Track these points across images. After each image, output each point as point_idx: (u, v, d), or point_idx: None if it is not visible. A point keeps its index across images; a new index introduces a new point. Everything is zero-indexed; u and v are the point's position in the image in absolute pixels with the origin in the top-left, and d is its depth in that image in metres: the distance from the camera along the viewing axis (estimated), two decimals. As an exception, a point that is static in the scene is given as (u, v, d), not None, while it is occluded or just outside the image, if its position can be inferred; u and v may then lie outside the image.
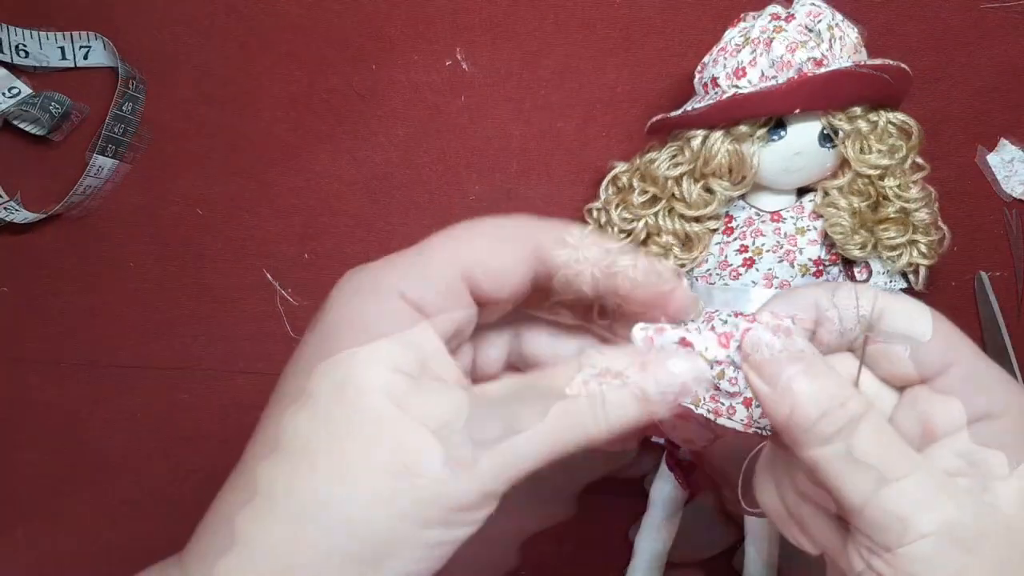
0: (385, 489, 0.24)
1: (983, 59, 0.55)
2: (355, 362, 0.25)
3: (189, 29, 0.58)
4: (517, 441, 0.25)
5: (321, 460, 0.24)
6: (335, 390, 0.25)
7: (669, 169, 0.47)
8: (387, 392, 0.24)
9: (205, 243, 0.58)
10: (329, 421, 0.24)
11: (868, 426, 0.27)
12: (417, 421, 0.24)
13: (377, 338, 0.25)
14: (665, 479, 0.52)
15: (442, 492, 0.24)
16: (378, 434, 0.24)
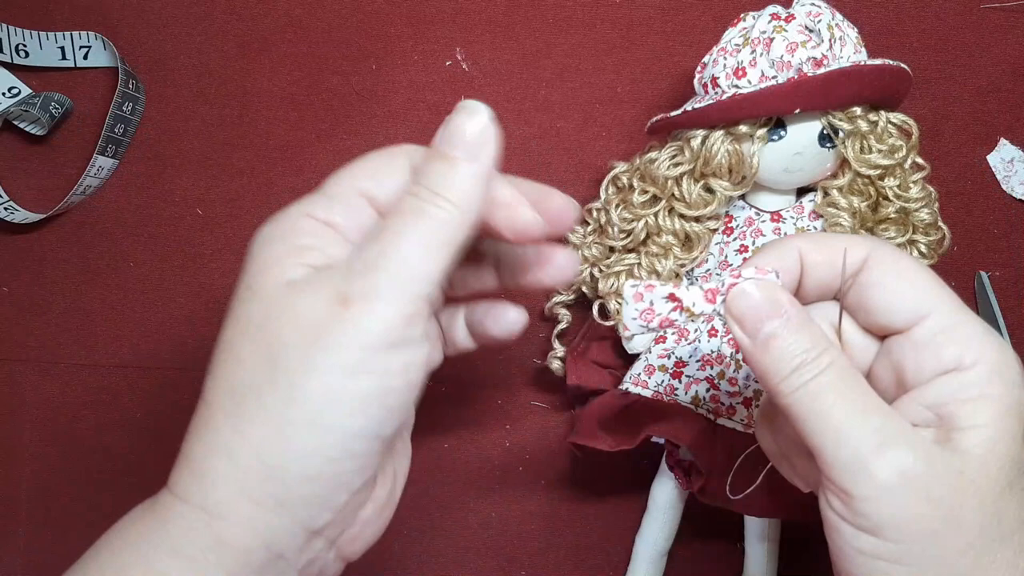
0: (302, 353, 0.26)
1: (983, 59, 0.55)
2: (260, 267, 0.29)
3: (189, 29, 0.58)
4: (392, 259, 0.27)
5: (245, 351, 0.28)
6: (247, 293, 0.29)
7: (669, 169, 0.47)
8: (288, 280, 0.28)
9: (205, 243, 0.58)
10: (243, 318, 0.29)
11: (834, 373, 0.28)
12: (306, 288, 0.27)
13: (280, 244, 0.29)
14: (665, 479, 0.52)
15: (349, 334, 0.26)
16: (278, 312, 0.27)
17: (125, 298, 0.58)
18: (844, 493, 0.27)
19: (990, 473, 0.27)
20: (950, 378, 0.28)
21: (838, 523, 0.28)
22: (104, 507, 0.59)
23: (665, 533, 0.53)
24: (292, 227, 0.29)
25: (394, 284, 0.27)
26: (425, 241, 0.27)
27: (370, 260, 0.27)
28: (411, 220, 0.28)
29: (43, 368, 0.59)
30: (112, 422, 0.58)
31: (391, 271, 0.27)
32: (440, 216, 0.28)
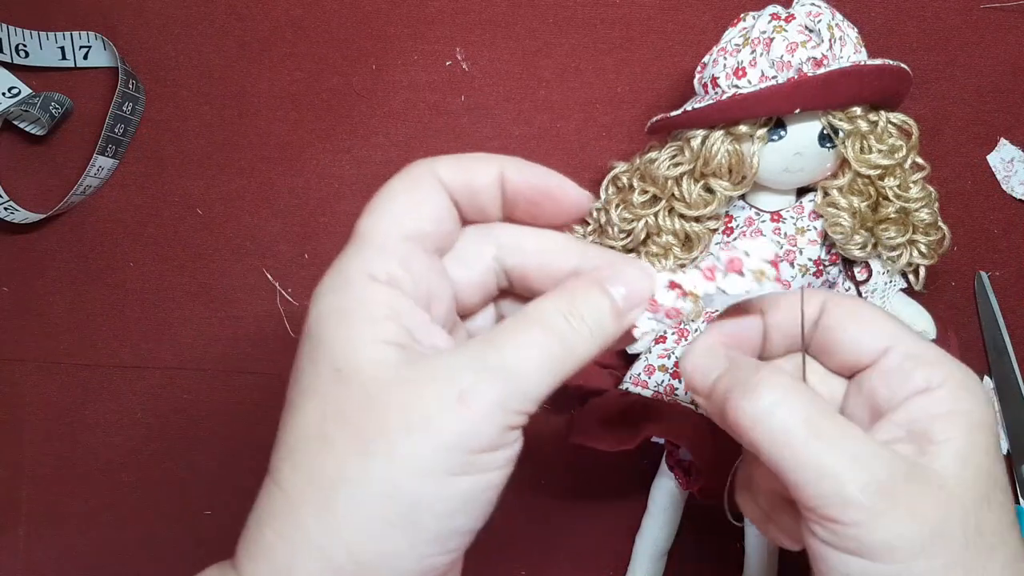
0: (402, 449, 0.24)
1: (983, 59, 0.55)
2: (345, 347, 0.26)
3: (189, 29, 0.58)
4: (508, 362, 0.26)
5: (336, 441, 0.25)
6: (334, 375, 0.26)
7: (669, 169, 0.47)
8: (383, 364, 0.25)
9: (205, 243, 0.58)
10: (334, 404, 0.25)
11: (794, 398, 0.28)
12: (417, 378, 0.25)
13: (357, 319, 0.26)
14: (665, 479, 0.52)
15: (460, 434, 0.25)
16: (384, 401, 0.25)
17: (125, 298, 0.58)
18: (830, 521, 0.27)
19: (968, 485, 0.27)
20: (921, 398, 0.29)
21: (825, 551, 0.28)
22: (104, 507, 0.59)
23: (665, 533, 0.53)
24: (362, 296, 0.27)
25: (516, 394, 0.26)
26: (558, 366, 0.27)
27: (496, 364, 0.26)
28: (549, 339, 0.27)
29: (43, 368, 0.59)
30: (112, 422, 0.58)
31: (517, 383, 0.26)
32: (579, 350, 0.27)
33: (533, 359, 0.26)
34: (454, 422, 0.25)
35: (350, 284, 0.27)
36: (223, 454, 0.58)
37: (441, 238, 0.29)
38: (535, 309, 0.27)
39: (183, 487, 0.58)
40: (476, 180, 0.29)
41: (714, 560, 0.55)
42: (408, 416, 0.25)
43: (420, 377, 0.25)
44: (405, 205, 0.29)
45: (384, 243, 0.28)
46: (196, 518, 0.58)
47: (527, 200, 0.30)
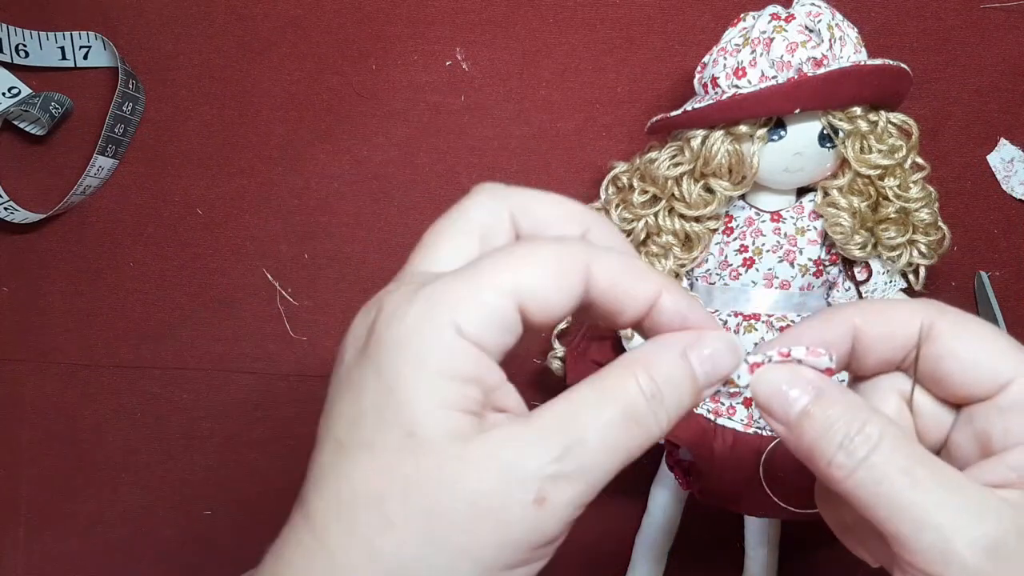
0: (467, 540, 0.23)
1: (983, 59, 0.55)
2: (421, 409, 0.23)
3: (189, 29, 0.58)
4: (588, 462, 0.24)
5: (398, 516, 0.23)
6: (404, 440, 0.23)
7: (669, 169, 0.47)
8: (458, 437, 0.23)
9: (205, 243, 0.58)
10: (401, 473, 0.23)
11: (889, 446, 0.25)
12: (491, 464, 0.23)
13: (439, 378, 0.23)
14: (665, 479, 0.52)
15: (529, 532, 0.23)
16: (456, 483, 0.23)
17: (125, 298, 0.58)
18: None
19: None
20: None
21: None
22: (104, 507, 0.59)
23: (665, 533, 0.53)
24: (449, 352, 0.23)
25: (591, 492, 0.24)
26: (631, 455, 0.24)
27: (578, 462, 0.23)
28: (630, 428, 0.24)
29: (43, 368, 0.59)
30: (112, 422, 0.58)
31: (595, 481, 0.24)
32: (652, 435, 0.25)
33: (615, 454, 0.24)
34: (527, 521, 0.23)
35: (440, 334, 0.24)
36: (223, 454, 0.58)
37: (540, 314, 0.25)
38: (618, 386, 0.25)
39: (183, 487, 0.58)
40: (627, 297, 0.26)
41: (714, 560, 0.55)
42: (479, 506, 0.23)
43: (495, 460, 0.23)
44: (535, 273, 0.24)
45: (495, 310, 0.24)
46: (196, 518, 0.58)
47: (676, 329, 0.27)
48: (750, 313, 0.47)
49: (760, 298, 0.47)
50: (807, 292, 0.48)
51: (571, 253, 0.25)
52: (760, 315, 0.47)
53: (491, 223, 0.26)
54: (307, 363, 0.57)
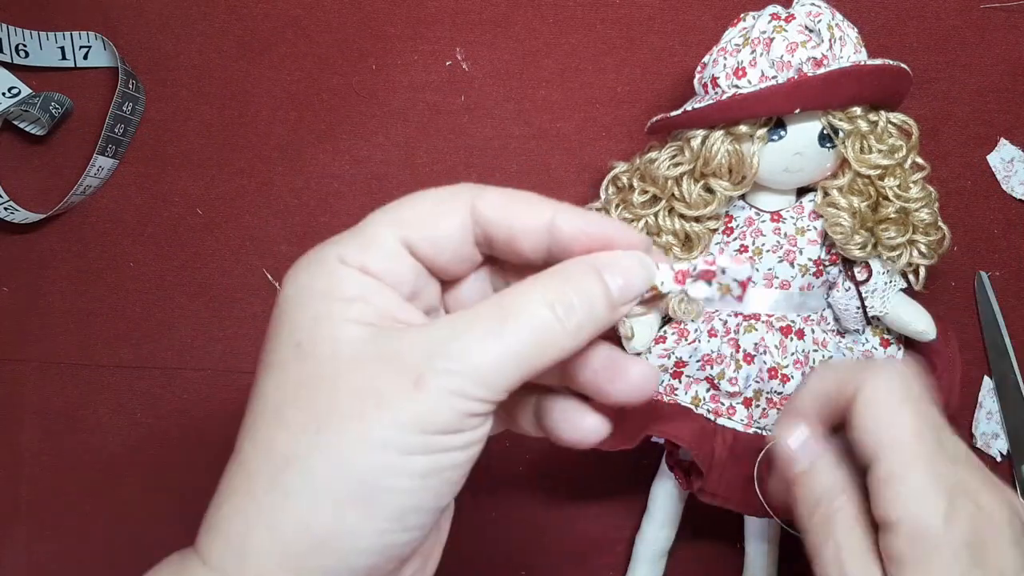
0: (353, 426, 0.24)
1: (983, 59, 0.55)
2: (308, 324, 0.26)
3: (189, 29, 0.58)
4: (475, 360, 0.25)
5: (290, 417, 0.25)
6: (294, 352, 0.26)
7: (669, 169, 0.47)
8: (347, 342, 0.25)
9: (205, 243, 0.58)
10: (291, 379, 0.26)
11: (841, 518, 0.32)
12: (377, 357, 0.25)
13: (323, 297, 0.26)
14: (665, 479, 0.52)
15: (414, 413, 0.24)
16: (340, 378, 0.25)
17: (125, 298, 0.58)
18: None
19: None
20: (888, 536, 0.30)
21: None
22: (104, 507, 0.59)
23: (665, 533, 0.53)
24: (331, 275, 0.26)
25: (476, 385, 0.25)
26: (530, 360, 0.25)
27: (457, 353, 0.25)
28: (523, 333, 0.25)
29: (43, 368, 0.59)
30: (112, 422, 0.58)
31: (478, 374, 0.25)
32: (562, 342, 0.26)
33: (499, 352, 0.25)
34: (408, 403, 0.24)
35: (322, 263, 0.27)
36: (223, 454, 0.58)
37: (440, 266, 0.28)
38: (518, 296, 0.26)
39: (183, 487, 0.58)
40: (518, 223, 0.27)
41: (714, 560, 0.55)
42: (361, 395, 0.25)
43: (380, 356, 0.25)
44: (415, 214, 0.27)
45: (372, 238, 0.27)
46: (196, 518, 0.58)
47: (585, 249, 0.27)
48: (750, 313, 0.47)
49: (760, 298, 0.47)
50: (807, 292, 0.48)
51: (452, 190, 0.28)
52: (760, 315, 0.47)
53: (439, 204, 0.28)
54: (307, 363, 0.57)
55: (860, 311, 0.48)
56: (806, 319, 0.48)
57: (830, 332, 0.49)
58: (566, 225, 0.27)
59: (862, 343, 0.50)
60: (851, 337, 0.50)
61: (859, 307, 0.48)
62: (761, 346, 0.47)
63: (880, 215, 0.46)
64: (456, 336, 0.25)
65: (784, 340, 0.47)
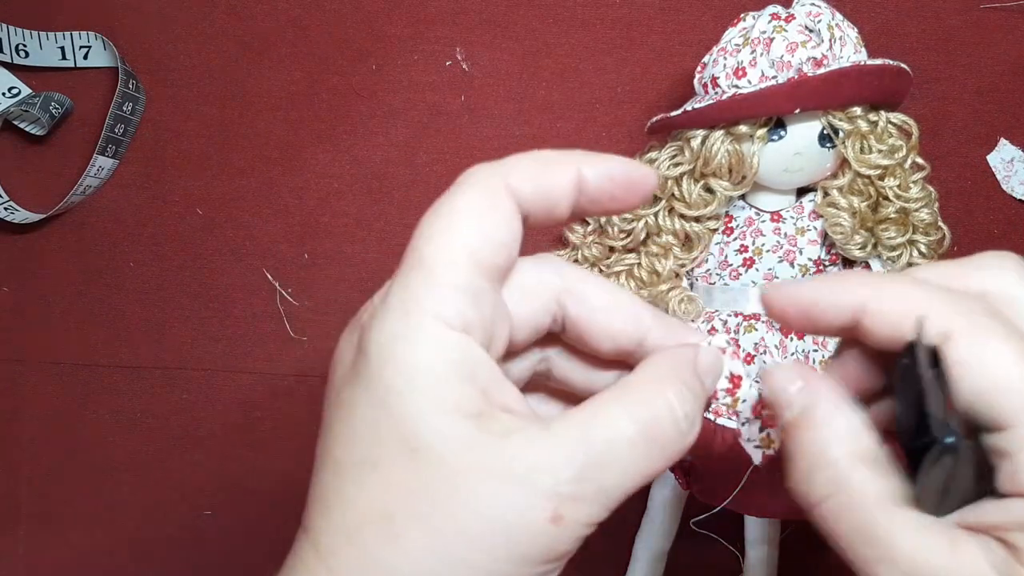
0: (479, 556, 0.22)
1: (983, 59, 0.55)
2: (418, 421, 0.22)
3: (189, 29, 0.58)
4: (608, 482, 0.23)
5: (408, 532, 0.22)
6: (407, 455, 0.22)
7: (669, 169, 0.47)
8: (464, 445, 0.22)
9: (205, 243, 0.58)
10: (407, 489, 0.22)
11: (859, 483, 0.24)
12: (505, 477, 0.22)
13: (430, 379, 0.22)
14: (665, 479, 0.52)
15: (542, 548, 0.22)
16: (467, 496, 0.22)
17: (125, 298, 0.58)
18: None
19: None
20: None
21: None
22: (104, 507, 0.59)
23: (665, 533, 0.53)
24: (435, 350, 0.23)
25: (607, 508, 0.23)
26: (649, 477, 0.24)
27: (596, 482, 0.23)
28: (651, 451, 0.23)
29: (43, 368, 0.59)
30: (112, 422, 0.58)
31: (611, 501, 0.23)
32: (671, 456, 0.24)
33: (636, 476, 0.23)
34: (541, 538, 0.22)
35: (421, 332, 0.23)
36: (223, 454, 0.58)
37: (509, 268, 0.25)
38: (646, 406, 0.24)
39: (183, 487, 0.58)
40: (554, 188, 0.25)
41: (714, 560, 0.55)
42: (492, 520, 0.22)
43: (509, 472, 0.22)
44: (474, 227, 0.24)
45: (455, 276, 0.23)
46: (196, 518, 0.58)
47: (609, 197, 0.26)
48: (750, 313, 0.47)
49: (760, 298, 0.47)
50: (807, 292, 0.48)
51: (488, 183, 0.25)
52: (760, 315, 0.47)
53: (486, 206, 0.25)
54: (307, 363, 0.57)
55: (860, 311, 0.48)
56: (806, 319, 0.48)
57: (830, 332, 0.49)
58: (593, 175, 0.25)
59: (862, 343, 0.50)
60: (851, 337, 0.50)
61: (859, 307, 0.48)
62: (761, 346, 0.47)
63: (880, 215, 0.46)
64: (596, 460, 0.23)
65: (784, 340, 0.47)
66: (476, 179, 0.25)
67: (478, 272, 0.24)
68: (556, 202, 0.25)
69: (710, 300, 0.48)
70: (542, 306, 0.26)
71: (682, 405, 0.24)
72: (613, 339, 0.26)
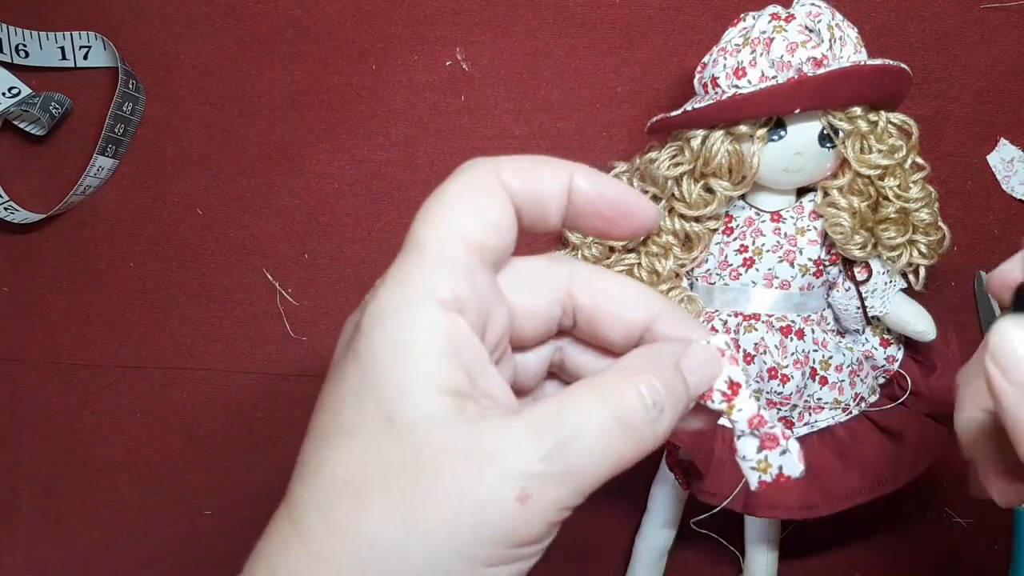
0: (447, 530, 0.22)
1: (983, 59, 0.55)
2: (400, 393, 0.23)
3: (189, 29, 0.58)
4: (576, 464, 0.23)
5: (376, 501, 0.22)
6: (383, 425, 0.23)
7: (669, 169, 0.47)
8: (439, 422, 0.23)
9: (205, 243, 0.58)
10: (380, 458, 0.23)
11: None
12: (476, 452, 0.23)
13: (417, 354, 0.23)
14: (665, 479, 0.52)
15: (509, 529, 0.23)
16: (437, 471, 0.22)
17: (125, 298, 0.58)
18: None
19: None
20: None
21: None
22: (104, 507, 0.59)
23: (665, 533, 0.53)
24: (424, 325, 0.23)
25: (577, 496, 0.24)
26: (623, 464, 0.24)
27: (566, 463, 0.23)
28: (625, 437, 0.24)
29: (43, 368, 0.59)
30: (112, 422, 0.58)
31: (582, 484, 0.23)
32: (647, 446, 0.24)
33: (606, 461, 0.23)
34: (508, 518, 0.23)
35: (412, 306, 0.23)
36: (223, 454, 0.58)
37: (502, 252, 0.26)
38: (617, 393, 0.24)
39: (183, 487, 0.58)
40: (544, 187, 0.26)
41: (714, 560, 0.55)
42: (461, 496, 0.22)
43: (479, 452, 0.23)
44: (467, 211, 0.25)
45: (447, 255, 0.24)
46: (196, 518, 0.58)
47: (597, 213, 0.26)
48: (750, 313, 0.47)
49: (760, 298, 0.47)
50: (807, 292, 0.48)
51: (481, 173, 0.25)
52: (760, 315, 0.47)
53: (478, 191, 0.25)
54: (307, 363, 0.57)
55: (860, 311, 0.48)
56: (806, 319, 0.48)
57: (830, 332, 0.49)
58: (585, 185, 0.26)
59: (862, 343, 0.50)
60: (851, 337, 0.50)
61: (859, 307, 0.48)
62: (761, 346, 0.47)
63: (880, 215, 0.46)
64: (567, 442, 0.23)
65: (784, 340, 0.47)
66: (470, 170, 0.26)
67: (469, 250, 0.24)
68: (545, 202, 0.26)
69: (710, 300, 0.48)
70: (553, 297, 0.27)
71: (651, 394, 0.24)
72: (623, 324, 0.27)
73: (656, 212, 0.27)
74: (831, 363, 0.48)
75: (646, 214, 0.26)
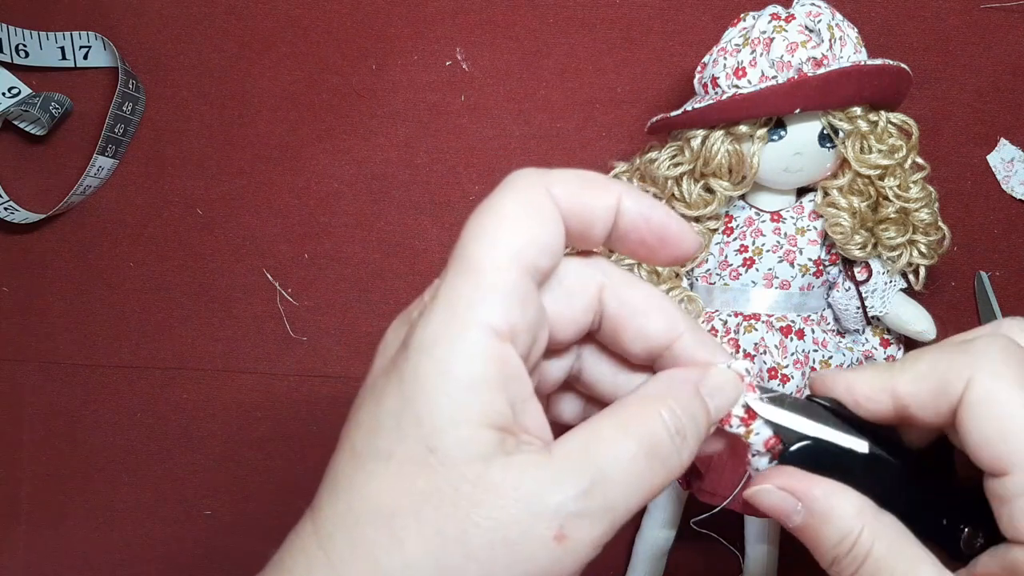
0: (479, 570, 0.22)
1: (983, 59, 0.55)
2: (444, 426, 0.22)
3: (189, 29, 0.58)
4: (612, 500, 0.23)
5: (410, 533, 0.22)
6: (423, 454, 0.22)
7: (669, 169, 0.47)
8: (480, 456, 0.22)
9: (205, 243, 0.58)
10: (416, 489, 0.22)
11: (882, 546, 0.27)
12: (512, 493, 0.22)
13: (464, 387, 0.22)
14: (665, 479, 0.52)
15: (542, 569, 0.22)
16: (474, 507, 0.22)
17: (125, 298, 0.58)
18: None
19: None
20: None
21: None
22: (104, 507, 0.59)
23: (665, 533, 0.53)
24: (475, 357, 0.23)
25: (613, 527, 0.24)
26: (656, 488, 0.24)
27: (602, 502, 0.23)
28: (655, 470, 0.24)
29: (43, 368, 0.59)
30: (112, 422, 0.58)
31: (616, 518, 0.23)
32: (673, 475, 0.24)
33: (638, 492, 0.24)
34: (545, 558, 0.22)
35: (465, 337, 0.23)
36: (223, 454, 0.58)
37: (551, 271, 0.25)
38: (642, 422, 0.24)
39: (183, 487, 0.58)
40: (593, 208, 0.25)
41: (714, 560, 0.55)
42: (495, 537, 0.22)
43: (517, 489, 0.22)
44: (521, 230, 0.24)
45: (504, 280, 0.23)
46: (196, 518, 0.58)
47: (639, 239, 0.26)
48: (750, 313, 0.47)
49: (760, 298, 0.47)
50: (807, 292, 0.48)
51: (533, 187, 0.25)
52: (760, 315, 0.47)
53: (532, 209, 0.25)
54: (307, 363, 0.57)
55: (860, 311, 0.48)
56: (806, 319, 0.48)
57: (830, 332, 0.49)
58: (632, 208, 0.25)
59: (862, 343, 0.50)
60: (851, 337, 0.50)
61: (859, 307, 0.48)
62: (761, 346, 0.47)
63: (880, 215, 0.46)
64: (599, 478, 0.23)
65: (784, 340, 0.47)
66: (521, 183, 0.25)
67: (525, 275, 0.23)
68: (593, 222, 0.25)
69: (710, 300, 0.48)
70: (587, 304, 0.26)
71: (674, 421, 0.24)
72: (646, 340, 0.26)
73: (697, 242, 0.26)
74: (831, 363, 0.48)
75: (688, 244, 0.26)
